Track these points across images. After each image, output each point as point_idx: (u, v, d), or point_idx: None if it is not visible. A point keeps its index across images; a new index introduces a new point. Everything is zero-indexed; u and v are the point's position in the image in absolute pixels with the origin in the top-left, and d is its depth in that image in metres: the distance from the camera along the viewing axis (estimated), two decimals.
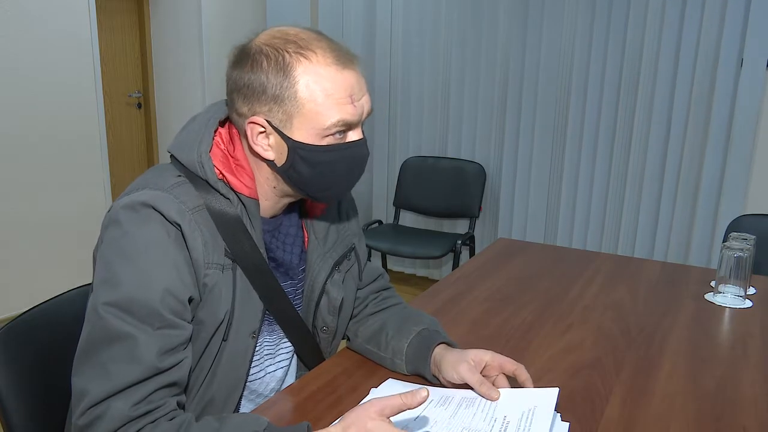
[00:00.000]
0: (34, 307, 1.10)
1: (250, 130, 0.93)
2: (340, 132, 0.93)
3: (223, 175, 0.95)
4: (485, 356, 1.03)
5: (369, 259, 1.31)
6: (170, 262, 0.88)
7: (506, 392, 1.00)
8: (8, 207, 3.08)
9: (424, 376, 1.08)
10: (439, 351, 1.07)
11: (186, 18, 3.90)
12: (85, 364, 0.85)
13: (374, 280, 1.26)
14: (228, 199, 0.95)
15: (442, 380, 1.06)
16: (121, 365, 0.82)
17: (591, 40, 3.14)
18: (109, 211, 0.92)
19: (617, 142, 3.17)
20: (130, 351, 0.83)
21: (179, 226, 0.89)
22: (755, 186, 2.91)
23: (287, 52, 0.90)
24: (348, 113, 0.92)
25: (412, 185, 3.66)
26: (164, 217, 0.88)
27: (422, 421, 0.94)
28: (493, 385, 1.00)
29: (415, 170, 3.66)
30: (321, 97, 0.90)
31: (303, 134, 0.92)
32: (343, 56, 0.92)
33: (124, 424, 0.81)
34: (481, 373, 1.01)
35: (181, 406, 0.89)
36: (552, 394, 0.96)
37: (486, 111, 3.51)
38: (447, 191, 3.58)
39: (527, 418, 0.92)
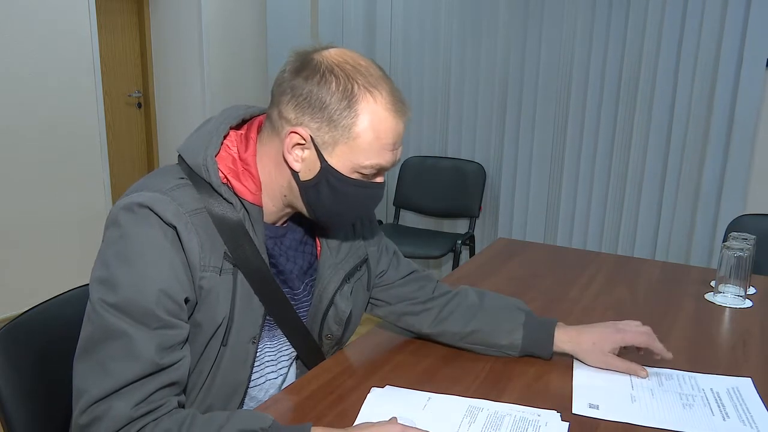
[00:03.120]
0: (34, 307, 1.10)
1: (289, 138, 0.94)
2: (371, 173, 0.96)
3: (228, 180, 0.96)
4: (618, 340, 1.13)
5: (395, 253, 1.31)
6: (166, 263, 0.88)
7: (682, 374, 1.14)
8: (8, 206, 3.08)
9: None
10: (569, 343, 1.16)
11: (186, 18, 3.90)
12: (83, 362, 0.85)
13: (410, 275, 1.26)
14: (231, 203, 0.95)
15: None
16: (119, 363, 0.83)
17: (591, 40, 3.14)
18: (110, 211, 0.93)
19: (617, 141, 3.17)
20: (128, 348, 0.83)
21: (175, 227, 0.89)
22: (755, 186, 2.91)
23: (357, 82, 0.92)
24: (386, 160, 0.95)
25: (412, 185, 3.66)
26: (160, 218, 0.89)
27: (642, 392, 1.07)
28: None
29: (415, 170, 3.66)
30: (372, 138, 0.93)
31: (339, 162, 0.94)
32: (401, 105, 0.95)
33: (126, 425, 0.81)
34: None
35: (181, 406, 0.89)
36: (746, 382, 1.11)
37: (486, 111, 3.51)
38: (447, 191, 3.58)
39: (735, 393, 1.07)
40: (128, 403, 0.81)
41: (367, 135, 0.92)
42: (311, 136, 0.93)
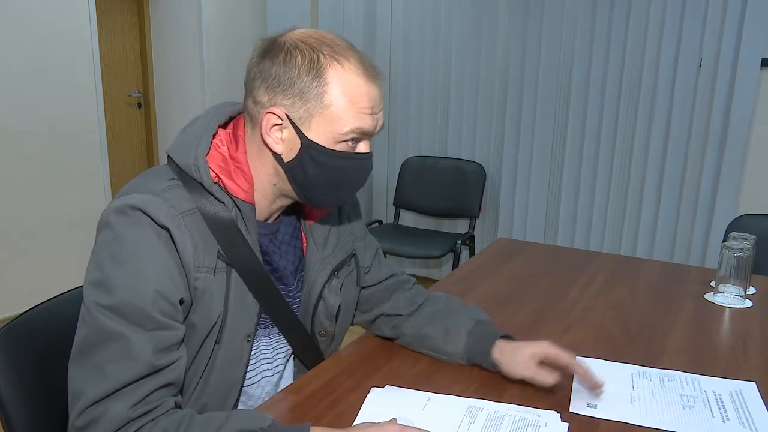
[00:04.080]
0: (34, 307, 1.10)
1: (266, 120, 0.94)
2: (353, 140, 0.95)
3: (220, 179, 0.95)
4: (539, 353, 1.06)
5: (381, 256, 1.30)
6: (161, 265, 0.88)
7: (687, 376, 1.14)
8: (8, 207, 3.08)
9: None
10: (498, 354, 1.10)
11: (186, 18, 3.90)
12: (79, 365, 0.85)
13: (389, 278, 1.25)
14: (222, 203, 0.95)
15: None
16: (116, 365, 0.83)
17: (591, 40, 3.15)
18: (102, 214, 0.92)
19: (617, 141, 3.18)
20: (125, 350, 0.83)
21: (168, 229, 0.89)
22: (748, 186, 2.91)
23: (322, 53, 0.92)
24: (366, 123, 0.94)
25: (412, 185, 3.66)
26: (153, 220, 0.88)
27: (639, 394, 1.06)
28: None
29: (415, 170, 3.66)
30: (345, 104, 0.92)
31: (318, 135, 0.93)
32: (372, 70, 0.95)
33: (123, 426, 0.81)
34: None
35: (178, 406, 0.89)
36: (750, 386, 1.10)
37: (486, 111, 3.51)
38: (447, 191, 3.58)
39: (738, 396, 1.06)
40: (125, 404, 0.81)
41: (339, 101, 0.92)
42: (287, 114, 0.93)
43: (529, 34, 3.30)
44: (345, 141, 0.94)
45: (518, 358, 1.07)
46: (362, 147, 0.98)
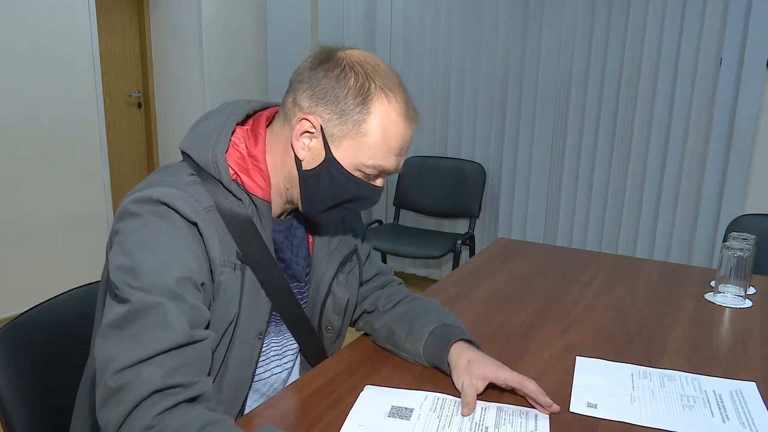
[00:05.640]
0: (35, 306, 1.10)
1: (300, 125, 0.95)
2: (372, 174, 0.97)
3: (238, 176, 0.96)
4: (488, 377, 1.02)
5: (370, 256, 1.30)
6: (189, 251, 0.88)
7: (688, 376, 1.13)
8: (8, 207, 3.09)
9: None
10: (454, 355, 1.06)
11: (186, 18, 3.90)
12: (112, 336, 0.82)
13: (374, 277, 1.25)
14: (240, 200, 0.96)
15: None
16: (153, 332, 0.81)
17: (591, 40, 3.15)
18: (121, 204, 0.91)
19: (617, 141, 3.18)
20: (162, 318, 0.82)
21: (195, 224, 0.90)
22: (755, 186, 2.91)
23: (374, 82, 0.94)
24: (390, 163, 0.97)
25: (412, 185, 3.66)
26: (180, 214, 0.89)
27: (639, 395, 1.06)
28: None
29: (415, 170, 3.66)
30: (379, 139, 0.94)
31: (343, 157, 0.95)
32: (413, 113, 0.98)
33: (156, 392, 0.78)
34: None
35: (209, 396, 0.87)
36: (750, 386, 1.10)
37: (486, 111, 3.51)
38: (447, 191, 3.58)
39: (738, 396, 1.06)
40: (159, 371, 0.79)
41: (375, 134, 0.94)
42: (321, 126, 0.94)
43: (529, 33, 3.31)
44: (364, 171, 0.96)
45: (463, 369, 1.02)
46: (378, 181, 1.00)
